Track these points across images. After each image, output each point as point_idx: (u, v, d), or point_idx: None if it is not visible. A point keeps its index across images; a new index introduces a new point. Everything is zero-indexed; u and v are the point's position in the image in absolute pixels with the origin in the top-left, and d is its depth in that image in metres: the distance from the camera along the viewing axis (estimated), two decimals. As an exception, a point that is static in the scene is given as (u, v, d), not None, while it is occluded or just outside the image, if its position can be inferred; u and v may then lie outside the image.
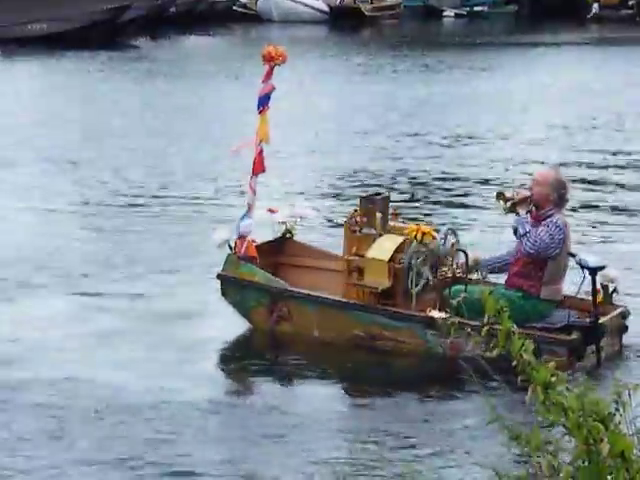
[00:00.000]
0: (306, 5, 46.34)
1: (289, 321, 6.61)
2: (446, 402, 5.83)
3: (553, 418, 2.95)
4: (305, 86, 22.53)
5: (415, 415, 5.68)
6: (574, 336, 6.16)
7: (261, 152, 6.79)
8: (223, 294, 6.88)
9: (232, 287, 6.77)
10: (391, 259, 6.45)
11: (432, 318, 6.24)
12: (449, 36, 40.59)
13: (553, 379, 2.98)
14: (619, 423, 2.93)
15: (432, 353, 6.26)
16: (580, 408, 2.91)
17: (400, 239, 6.52)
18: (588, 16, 48.51)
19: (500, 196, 6.61)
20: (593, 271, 6.42)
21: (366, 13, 46.09)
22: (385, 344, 6.49)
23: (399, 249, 6.47)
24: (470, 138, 15.73)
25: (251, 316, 6.77)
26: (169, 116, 17.88)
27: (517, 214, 6.50)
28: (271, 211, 7.06)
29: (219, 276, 6.85)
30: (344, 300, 6.60)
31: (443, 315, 6.27)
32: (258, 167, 6.78)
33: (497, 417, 3.01)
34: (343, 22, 43.30)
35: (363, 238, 6.59)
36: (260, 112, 6.60)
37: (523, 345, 2.99)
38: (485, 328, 3.04)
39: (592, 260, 6.49)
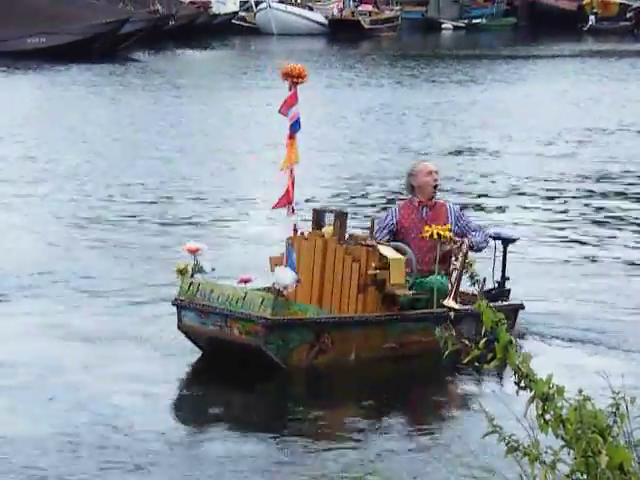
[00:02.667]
0: (305, 18, 46.49)
1: (328, 352, 6.32)
2: (442, 413, 5.83)
3: (551, 430, 2.94)
4: (304, 98, 22.56)
5: (410, 425, 5.67)
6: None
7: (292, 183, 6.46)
8: (266, 342, 6.12)
9: (277, 331, 6.15)
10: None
11: (452, 309, 6.31)
12: (447, 48, 40.69)
13: (552, 391, 2.98)
14: (617, 435, 2.92)
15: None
16: (578, 420, 2.91)
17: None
18: (584, 28, 48.68)
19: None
20: (505, 242, 7.07)
21: (365, 26, 46.24)
22: (411, 349, 6.45)
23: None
24: (468, 149, 15.77)
25: (290, 357, 6.24)
26: (169, 128, 17.91)
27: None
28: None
29: (268, 324, 6.09)
30: (384, 314, 6.45)
31: (457, 306, 6.41)
32: (287, 198, 6.40)
33: (495, 428, 3.01)
34: (342, 35, 43.42)
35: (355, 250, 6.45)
36: (291, 137, 6.32)
37: (521, 356, 2.99)
38: (482, 340, 3.04)
39: (504, 232, 7.23)
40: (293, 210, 6.50)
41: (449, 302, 6.46)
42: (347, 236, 6.57)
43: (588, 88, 24.57)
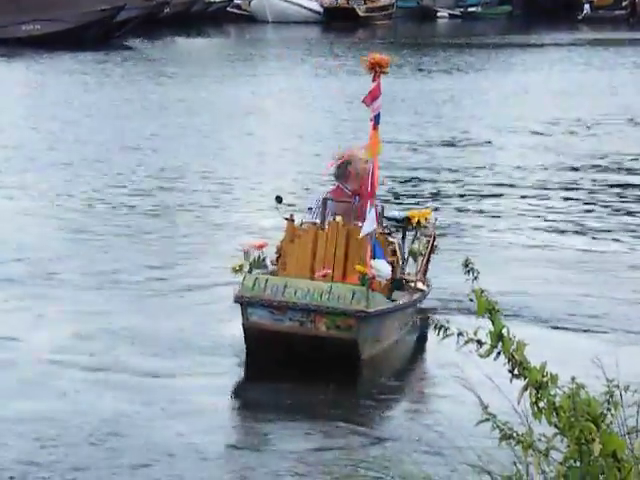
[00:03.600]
0: (300, 6, 46.36)
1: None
2: (436, 400, 5.84)
3: (545, 418, 2.95)
4: (299, 85, 22.55)
5: (404, 414, 5.68)
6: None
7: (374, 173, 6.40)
8: (360, 336, 5.99)
9: (373, 325, 6.12)
10: None
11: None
12: (443, 36, 40.62)
13: (545, 379, 2.98)
14: (611, 423, 2.93)
15: None
16: (572, 408, 2.91)
17: None
18: (579, 17, 48.59)
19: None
20: (400, 222, 7.03)
21: (360, 14, 46.13)
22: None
23: None
24: (464, 135, 15.75)
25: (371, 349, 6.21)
26: (164, 116, 17.87)
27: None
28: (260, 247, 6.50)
29: (364, 317, 5.96)
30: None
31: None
32: (374, 189, 6.36)
33: (488, 416, 3.01)
34: (337, 23, 43.31)
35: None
36: (374, 128, 6.31)
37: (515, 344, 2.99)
38: (475, 330, 3.03)
39: (397, 213, 7.17)
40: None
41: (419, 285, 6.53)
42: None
43: (580, 77, 24.56)
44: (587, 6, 50.06)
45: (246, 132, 16.23)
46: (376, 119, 6.29)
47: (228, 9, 46.13)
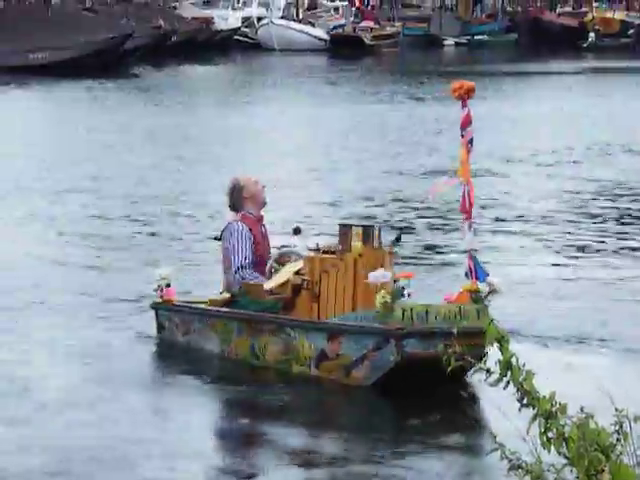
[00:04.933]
0: (306, 33, 46.65)
1: None
2: (445, 430, 5.81)
3: (554, 448, 2.93)
4: (306, 112, 22.65)
5: (412, 443, 5.65)
6: None
7: (463, 191, 6.46)
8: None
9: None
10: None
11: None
12: (449, 64, 40.79)
13: (554, 409, 2.97)
14: (620, 454, 2.91)
15: None
16: (581, 438, 2.90)
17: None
18: (584, 45, 48.79)
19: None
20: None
21: (366, 42, 46.37)
22: None
23: None
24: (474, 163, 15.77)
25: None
26: (172, 144, 17.95)
27: None
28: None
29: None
30: None
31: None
32: (463, 208, 6.44)
33: (498, 446, 3.00)
34: (343, 50, 43.54)
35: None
36: (469, 152, 6.49)
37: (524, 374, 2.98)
38: (485, 358, 3.03)
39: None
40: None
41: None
42: (321, 247, 6.67)
43: (585, 105, 24.62)
44: (592, 34, 50.27)
45: (250, 158, 16.28)
46: (470, 143, 6.50)
47: (235, 37, 46.43)
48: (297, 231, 6.85)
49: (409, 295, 6.26)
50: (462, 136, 6.51)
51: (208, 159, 16.21)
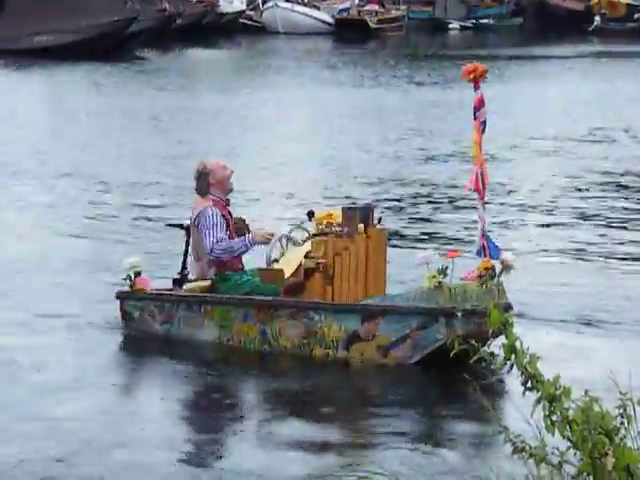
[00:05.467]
0: (311, 17, 46.47)
1: None
2: (449, 413, 5.83)
3: (558, 431, 2.94)
4: (310, 96, 22.61)
5: (415, 426, 5.67)
6: None
7: (475, 170, 6.58)
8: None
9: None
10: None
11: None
12: (454, 48, 40.65)
13: (558, 392, 2.98)
14: (624, 437, 2.92)
15: None
16: (585, 421, 2.91)
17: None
18: (589, 29, 48.54)
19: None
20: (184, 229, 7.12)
21: (371, 25, 46.20)
22: None
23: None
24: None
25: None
26: (177, 127, 17.93)
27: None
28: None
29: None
30: None
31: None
32: (477, 187, 6.56)
33: (502, 429, 3.01)
34: (348, 34, 43.40)
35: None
36: (482, 132, 6.63)
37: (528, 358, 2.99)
38: (490, 341, 3.03)
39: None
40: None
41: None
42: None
43: (589, 89, 24.53)
44: (598, 18, 50.01)
45: (255, 142, 16.27)
46: (483, 124, 6.63)
47: (240, 20, 46.27)
48: (311, 215, 6.79)
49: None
50: (475, 118, 6.58)
51: (209, 143, 16.19)
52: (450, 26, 50.84)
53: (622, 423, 2.93)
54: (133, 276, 6.78)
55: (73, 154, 15.01)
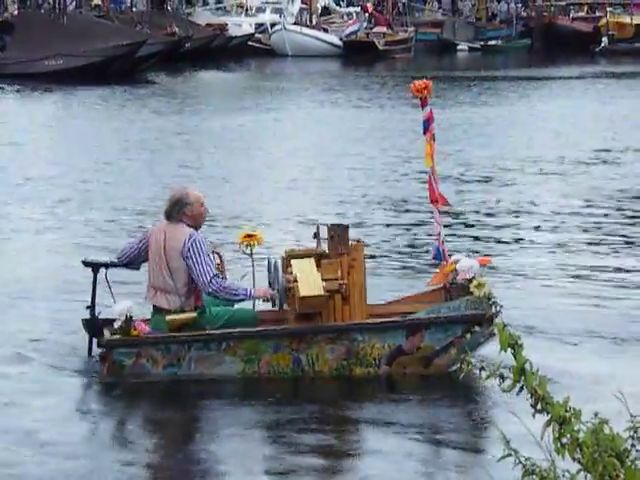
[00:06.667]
0: (319, 39, 46.67)
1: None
2: (458, 434, 5.80)
3: (568, 453, 2.92)
4: (319, 116, 22.67)
5: (423, 445, 5.64)
6: None
7: (429, 180, 6.91)
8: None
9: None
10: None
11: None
12: (462, 69, 40.76)
13: (568, 414, 2.96)
14: (635, 459, 2.90)
15: None
16: (595, 443, 2.89)
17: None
18: (597, 49, 48.61)
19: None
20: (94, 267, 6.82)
21: (379, 47, 46.35)
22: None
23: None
24: (484, 168, 15.77)
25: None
26: (187, 150, 17.99)
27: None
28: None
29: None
30: None
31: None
32: (432, 196, 6.89)
33: (511, 451, 2.99)
34: (356, 56, 43.56)
35: None
36: (432, 145, 6.88)
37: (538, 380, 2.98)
38: (497, 364, 3.02)
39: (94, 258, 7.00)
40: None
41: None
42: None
43: (597, 109, 24.55)
44: (605, 39, 50.09)
45: (262, 162, 16.31)
46: (433, 138, 6.90)
47: (249, 43, 46.50)
48: (317, 235, 6.78)
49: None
50: (425, 132, 6.87)
51: (216, 165, 16.24)
52: (458, 47, 51.00)
53: (633, 445, 2.91)
54: (125, 323, 6.35)
55: (80, 177, 15.06)
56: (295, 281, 6.46)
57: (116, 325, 6.38)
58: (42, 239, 10.89)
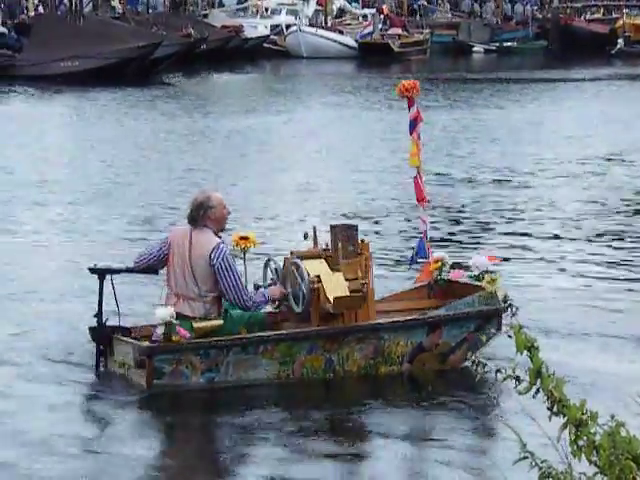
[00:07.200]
0: (334, 41, 46.67)
1: None
2: (473, 437, 5.79)
3: (585, 456, 2.92)
4: (330, 118, 22.67)
5: (440, 448, 5.64)
6: None
7: (415, 180, 7.10)
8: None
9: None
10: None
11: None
12: (478, 71, 40.68)
13: (585, 417, 2.95)
14: (652, 462, 2.89)
15: None
16: (612, 446, 2.88)
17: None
18: (613, 51, 48.43)
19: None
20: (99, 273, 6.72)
21: (394, 49, 46.31)
22: None
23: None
24: (498, 171, 15.73)
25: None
26: (204, 151, 18.02)
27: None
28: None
29: None
30: None
31: None
32: (418, 196, 7.11)
33: (527, 454, 2.99)
34: (371, 58, 43.55)
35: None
36: (419, 145, 7.05)
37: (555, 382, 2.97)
38: (513, 366, 3.02)
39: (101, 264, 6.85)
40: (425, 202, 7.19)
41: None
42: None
43: (613, 111, 24.46)
44: (621, 40, 49.90)
45: (271, 164, 16.33)
46: (419, 137, 7.09)
47: (264, 45, 46.55)
48: (306, 236, 6.80)
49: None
50: (411, 132, 7.00)
51: (231, 166, 16.26)
52: (474, 49, 50.89)
53: (650, 448, 2.90)
54: (167, 329, 6.22)
55: (94, 179, 15.10)
56: (319, 282, 6.47)
57: (158, 331, 6.27)
58: (52, 240, 10.91)
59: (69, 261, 9.77)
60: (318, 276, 6.51)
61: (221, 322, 6.48)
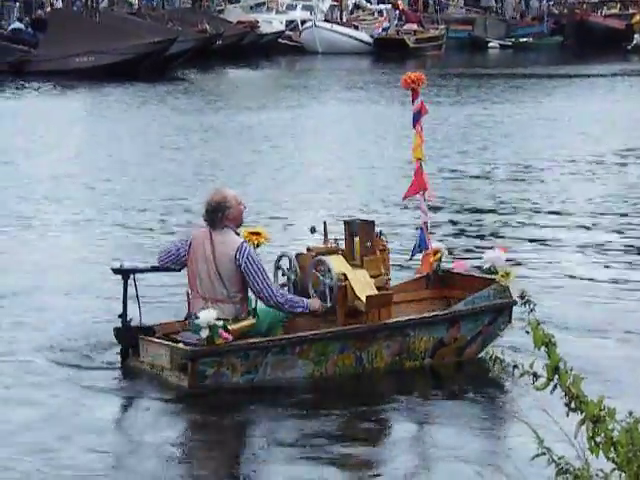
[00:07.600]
0: (349, 36, 46.62)
1: None
2: (490, 432, 5.79)
3: (602, 453, 2.91)
4: (343, 113, 22.67)
5: (456, 443, 5.63)
6: None
7: (418, 170, 7.07)
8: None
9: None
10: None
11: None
12: (493, 67, 40.57)
13: (603, 413, 2.94)
14: (670, 458, 2.87)
15: None
16: (630, 443, 2.87)
17: None
18: (629, 47, 48.21)
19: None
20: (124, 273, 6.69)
21: (410, 44, 46.23)
22: None
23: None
24: (516, 165, 15.69)
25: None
26: (218, 147, 18.04)
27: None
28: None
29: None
30: None
31: None
32: (417, 187, 7.09)
33: (545, 450, 2.98)
34: (387, 53, 43.48)
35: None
36: (422, 137, 7.07)
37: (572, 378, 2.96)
38: (530, 362, 3.01)
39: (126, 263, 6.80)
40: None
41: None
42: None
43: (629, 107, 24.35)
44: (637, 36, 49.65)
45: (283, 160, 16.34)
46: (422, 127, 7.14)
47: (279, 40, 46.54)
48: (313, 230, 6.79)
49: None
50: (414, 125, 7.06)
51: (244, 164, 16.28)
52: (490, 45, 50.75)
53: (668, 444, 2.88)
54: (211, 332, 6.17)
55: (107, 174, 15.13)
56: (345, 279, 6.51)
57: (203, 334, 6.22)
58: (64, 237, 10.94)
59: (80, 256, 9.80)
60: (344, 274, 6.53)
61: (253, 322, 6.48)
